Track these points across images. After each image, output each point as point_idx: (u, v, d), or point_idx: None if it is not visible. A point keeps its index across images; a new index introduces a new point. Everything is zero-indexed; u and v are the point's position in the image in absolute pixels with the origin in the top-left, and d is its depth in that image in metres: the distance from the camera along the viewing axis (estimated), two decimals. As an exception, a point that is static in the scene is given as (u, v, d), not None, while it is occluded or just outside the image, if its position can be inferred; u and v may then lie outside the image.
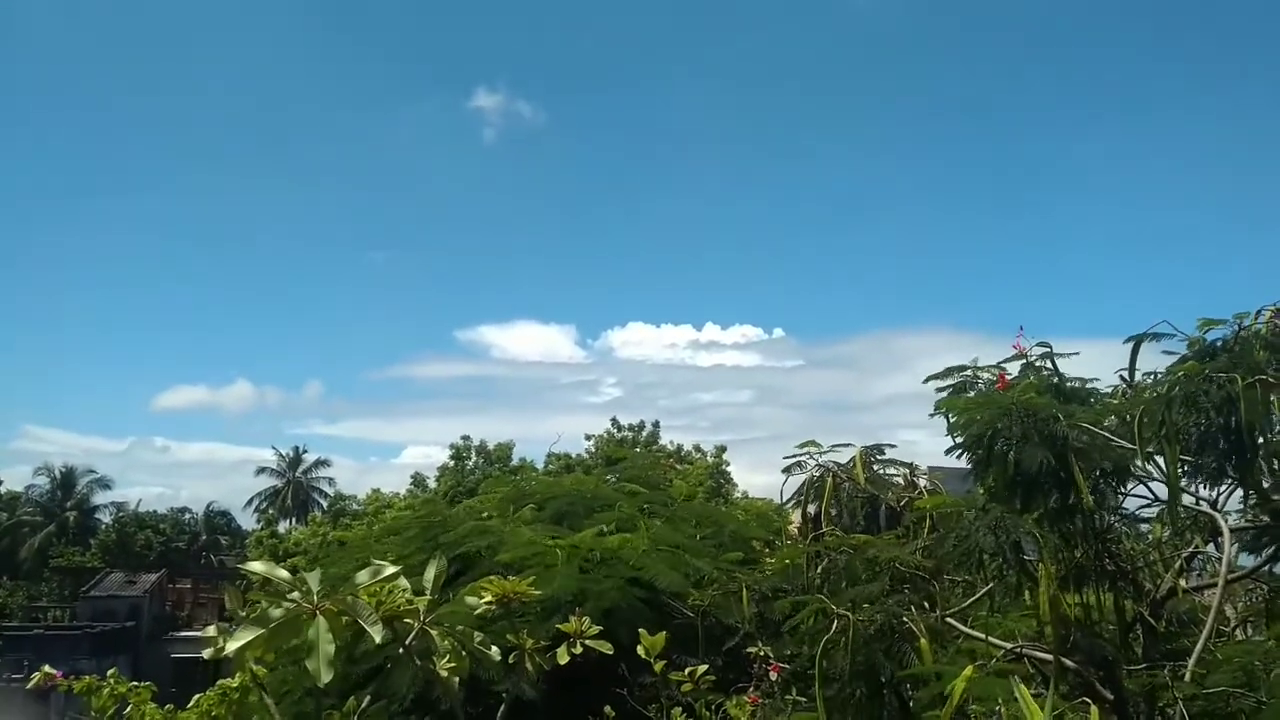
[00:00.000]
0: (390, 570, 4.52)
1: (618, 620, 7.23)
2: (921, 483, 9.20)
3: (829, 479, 8.30)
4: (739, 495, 39.51)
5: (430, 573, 5.05)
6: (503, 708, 4.54)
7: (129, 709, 3.61)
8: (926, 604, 6.93)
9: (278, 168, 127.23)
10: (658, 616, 8.87)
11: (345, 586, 4.42)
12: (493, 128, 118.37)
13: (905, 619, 5.49)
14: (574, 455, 45.60)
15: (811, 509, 8.29)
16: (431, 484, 51.38)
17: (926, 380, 8.79)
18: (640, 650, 4.92)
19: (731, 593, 8.96)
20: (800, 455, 8.78)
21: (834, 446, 8.70)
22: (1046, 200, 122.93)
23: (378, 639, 4.10)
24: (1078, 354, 8.82)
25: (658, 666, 4.76)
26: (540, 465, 42.66)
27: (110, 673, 3.95)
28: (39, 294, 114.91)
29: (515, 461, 50.20)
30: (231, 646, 3.94)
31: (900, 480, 8.84)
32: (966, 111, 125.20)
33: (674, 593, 8.86)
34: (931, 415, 8.04)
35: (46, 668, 4.03)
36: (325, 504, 73.33)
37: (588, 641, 4.94)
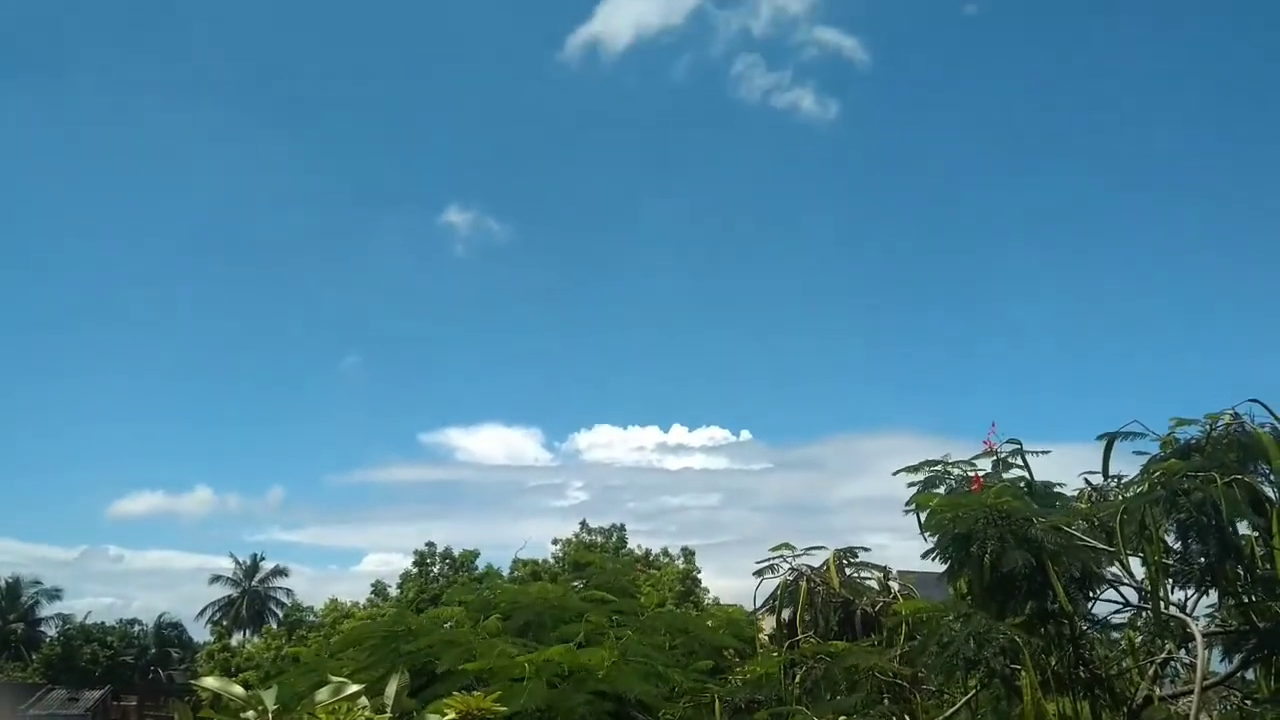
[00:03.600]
0: (352, 689, 4.30)
1: (588, 736, 6.94)
2: (894, 587, 9.08)
3: (803, 583, 8.16)
4: (710, 600, 38.81)
5: (391, 689, 4.82)
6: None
7: None
8: (907, 716, 6.73)
9: (246, 272, 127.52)
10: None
11: (303, 704, 4.20)
12: (462, 241, 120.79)
13: (888, 731, 5.27)
14: (540, 560, 44.76)
15: (786, 614, 8.12)
16: (393, 591, 50.00)
17: (897, 473, 8.80)
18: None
19: (703, 704, 8.68)
20: (773, 559, 8.66)
21: (807, 549, 8.61)
22: (1000, 307, 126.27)
23: (334, 761, 3.86)
24: (1048, 452, 8.89)
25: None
26: (506, 571, 41.83)
27: None
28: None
29: (480, 568, 49.18)
30: (179, 772, 3.70)
31: (874, 584, 8.72)
32: (924, 216, 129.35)
33: (644, 706, 8.56)
34: (906, 511, 8.02)
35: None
36: (281, 614, 70.88)
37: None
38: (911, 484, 8.91)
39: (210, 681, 4.09)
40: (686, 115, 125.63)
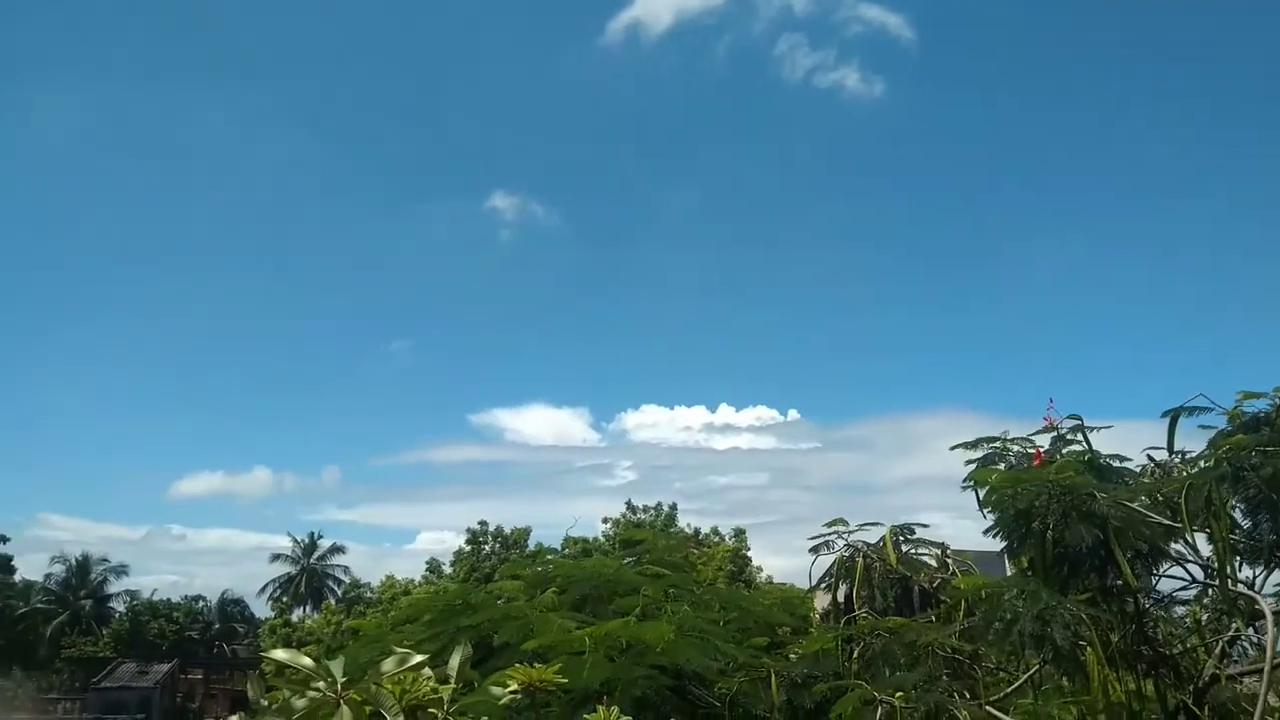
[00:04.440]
0: (416, 659, 4.38)
1: (646, 710, 6.99)
2: (952, 563, 8.97)
3: (859, 559, 8.08)
4: (761, 579, 38.82)
5: (454, 660, 4.89)
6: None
7: None
8: (967, 692, 6.66)
9: (300, 262, 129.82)
10: (685, 705, 8.57)
11: (370, 675, 4.29)
12: (507, 226, 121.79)
13: (951, 707, 5.22)
14: (591, 538, 45.10)
15: (842, 590, 8.06)
16: (447, 569, 50.80)
17: (954, 448, 8.67)
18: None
19: (759, 679, 8.69)
20: (828, 535, 8.59)
21: (862, 526, 8.53)
22: (1055, 283, 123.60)
23: (402, 729, 3.94)
24: (1110, 427, 8.69)
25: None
26: (556, 549, 42.22)
27: None
28: (60, 382, 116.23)
29: (531, 546, 49.68)
30: (256, 739, 3.80)
31: (932, 561, 8.61)
32: (973, 192, 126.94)
33: (701, 680, 8.59)
34: (964, 488, 7.90)
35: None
36: (339, 591, 72.48)
37: (619, 733, 4.72)
38: (969, 461, 8.78)
39: (280, 653, 4.19)
40: (728, 96, 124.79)
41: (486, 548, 49.96)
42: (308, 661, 4.18)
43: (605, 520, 47.58)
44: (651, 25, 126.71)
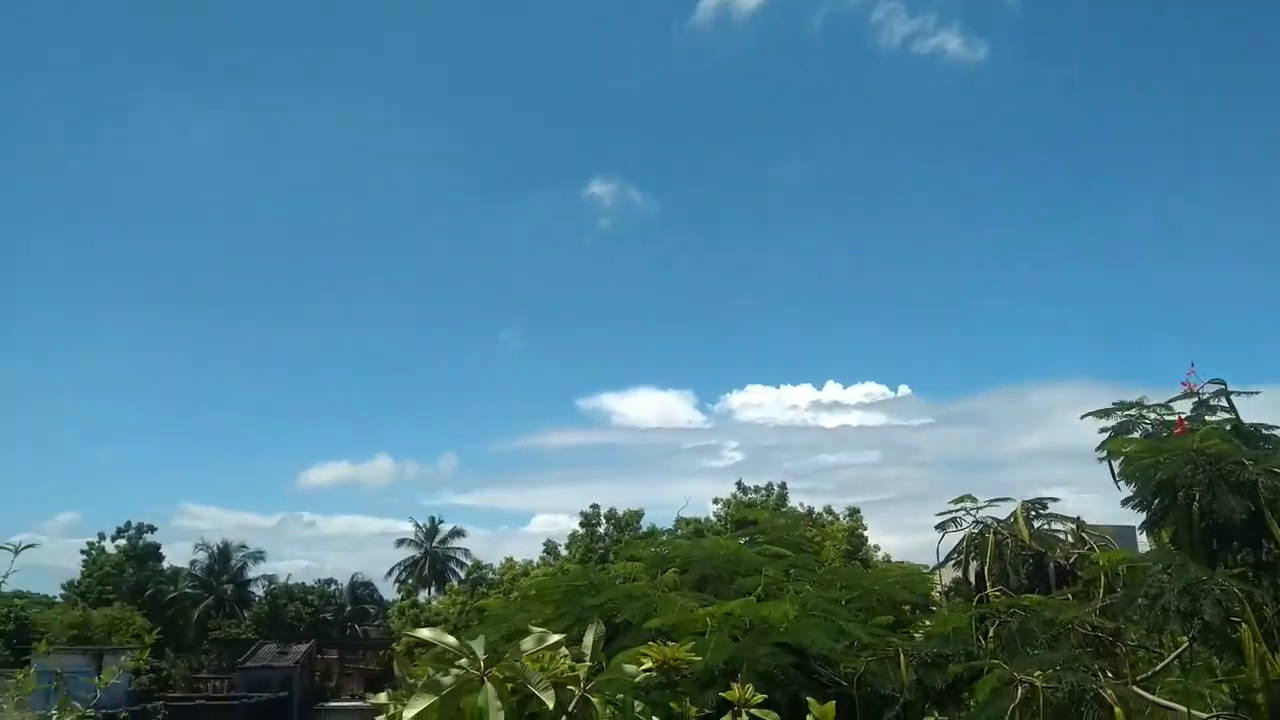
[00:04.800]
0: (554, 638, 4.49)
1: (774, 688, 6.97)
2: (1088, 538, 8.63)
3: (990, 536, 7.85)
4: (879, 558, 38.22)
5: (588, 639, 4.99)
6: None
7: None
8: (1110, 672, 6.40)
9: (409, 257, 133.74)
10: (812, 684, 8.52)
11: (510, 653, 4.41)
12: (606, 213, 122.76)
13: (1096, 687, 5.03)
14: (702, 519, 45.20)
15: (972, 568, 7.85)
16: (563, 551, 51.84)
17: (1085, 416, 8.31)
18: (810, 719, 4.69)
19: (888, 659, 8.56)
20: (954, 511, 8.36)
21: (991, 501, 8.27)
22: (1180, 243, 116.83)
23: (550, 705, 4.04)
24: (1257, 393, 8.18)
25: (832, 737, 4.51)
26: (668, 530, 42.54)
27: None
28: (199, 380, 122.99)
29: (643, 527, 50.17)
30: (408, 715, 3.95)
31: (1067, 536, 8.28)
32: (1086, 154, 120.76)
33: (825, 659, 8.52)
34: (1098, 459, 7.57)
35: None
36: (461, 573, 74.82)
37: (753, 711, 4.75)
38: (1102, 430, 8.42)
39: (425, 632, 4.36)
40: (825, 67, 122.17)
41: (600, 529, 50.73)
42: (451, 640, 4.34)
43: (716, 501, 47.65)
44: (742, 2, 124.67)
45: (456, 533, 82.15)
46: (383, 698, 4.66)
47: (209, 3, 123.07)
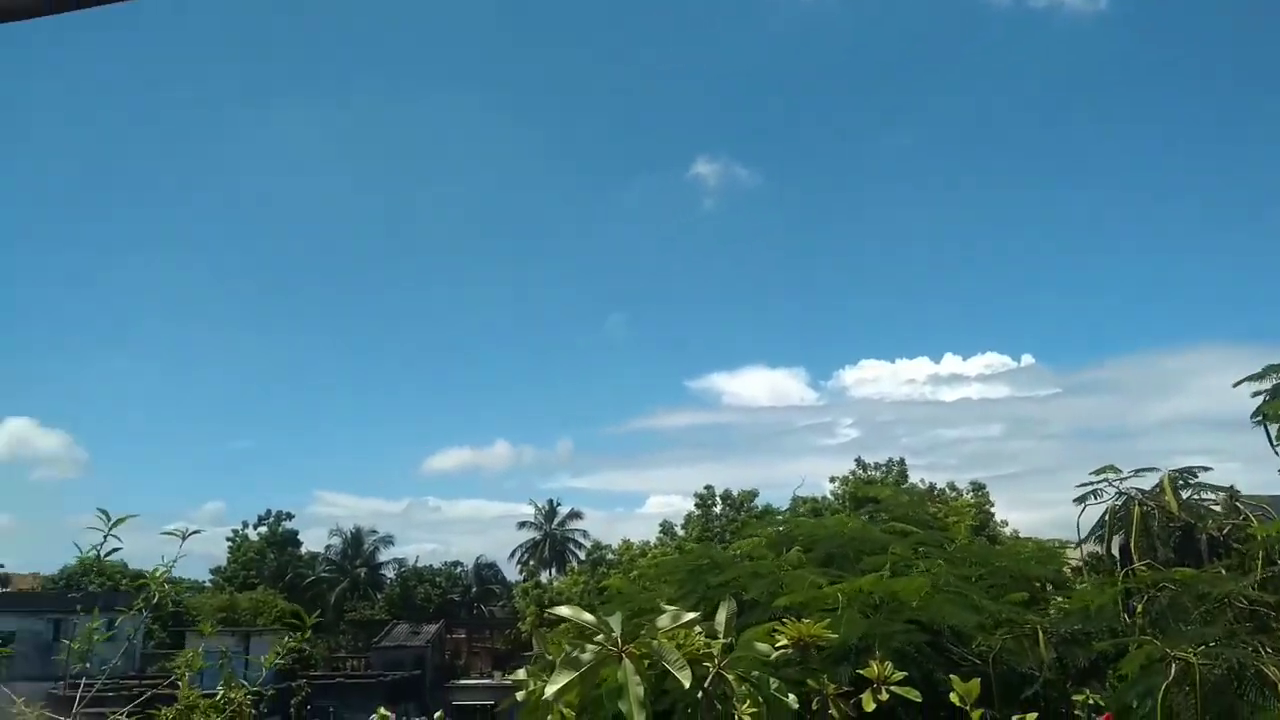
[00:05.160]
0: (689, 616, 4.52)
1: (908, 664, 6.84)
2: (1242, 509, 8.14)
3: (1135, 508, 7.47)
4: (1008, 534, 37.03)
5: (722, 615, 5.01)
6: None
7: None
8: (1271, 648, 6.02)
9: (517, 244, 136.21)
10: (945, 662, 8.34)
11: (647, 630, 4.47)
12: (712, 191, 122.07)
13: (1258, 664, 4.75)
14: (819, 497, 44.70)
15: (1115, 542, 7.51)
16: (679, 531, 52.16)
17: (1239, 383, 7.84)
18: (954, 698, 4.58)
19: (1024, 635, 8.30)
20: (1095, 483, 7.99)
21: (1136, 472, 7.86)
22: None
23: (686, 683, 4.08)
24: None
25: (975, 715, 4.40)
26: (783, 510, 42.27)
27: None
28: (329, 372, 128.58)
29: (758, 507, 49.97)
30: (551, 690, 4.06)
31: (1218, 507, 7.82)
32: (1216, 104, 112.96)
33: (958, 637, 8.32)
34: (1254, 423, 7.12)
35: (382, 710, 4.31)
36: (580, 554, 76.19)
37: (893, 688, 4.68)
38: (1256, 394, 7.92)
39: (563, 610, 4.46)
40: (934, 27, 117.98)
41: (716, 510, 50.81)
42: (589, 617, 4.43)
43: (833, 479, 47.02)
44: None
45: (574, 515, 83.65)
46: (522, 674, 4.80)
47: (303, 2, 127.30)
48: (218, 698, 3.84)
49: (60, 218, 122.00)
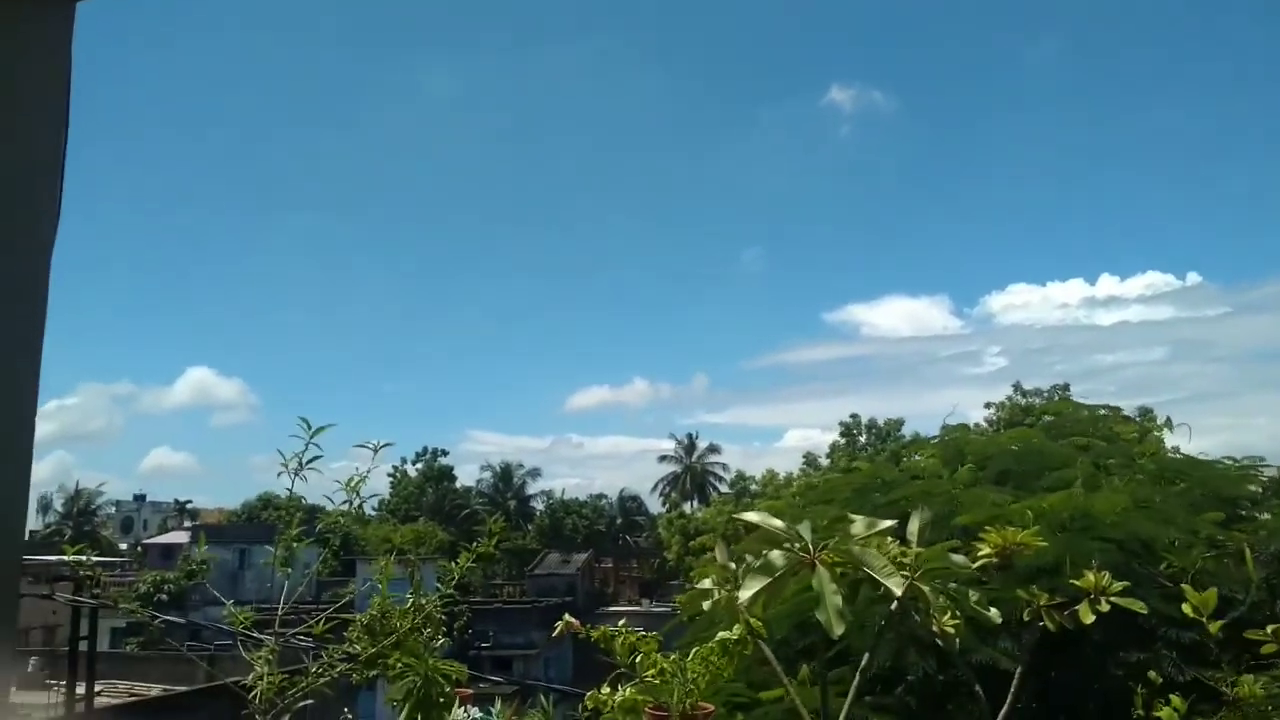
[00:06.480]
0: (884, 524, 4.23)
1: (1104, 585, 6.37)
2: None
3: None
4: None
5: (914, 524, 4.70)
6: (1015, 678, 4.04)
7: (639, 657, 3.71)
8: None
9: (653, 179, 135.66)
10: (1141, 582, 7.79)
11: (840, 537, 4.22)
12: (848, 118, 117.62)
13: None
14: (971, 426, 42.77)
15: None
16: (823, 462, 51.59)
17: None
18: (1187, 609, 4.17)
19: (1227, 555, 7.64)
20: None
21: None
22: None
23: (898, 590, 3.82)
24: None
25: (1213, 628, 3.97)
26: (933, 438, 40.81)
27: (621, 624, 4.12)
28: (473, 317, 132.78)
29: (906, 436, 48.70)
30: (744, 595, 3.87)
31: None
32: None
33: (1150, 555, 7.74)
34: None
35: (567, 616, 4.27)
36: (722, 487, 76.79)
37: (1114, 599, 4.29)
38: None
39: (752, 515, 4.22)
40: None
41: (861, 440, 49.89)
42: (777, 523, 4.19)
43: (988, 405, 45.11)
44: None
45: (712, 449, 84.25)
46: (707, 582, 4.63)
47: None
48: (408, 605, 3.86)
49: (224, 181, 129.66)
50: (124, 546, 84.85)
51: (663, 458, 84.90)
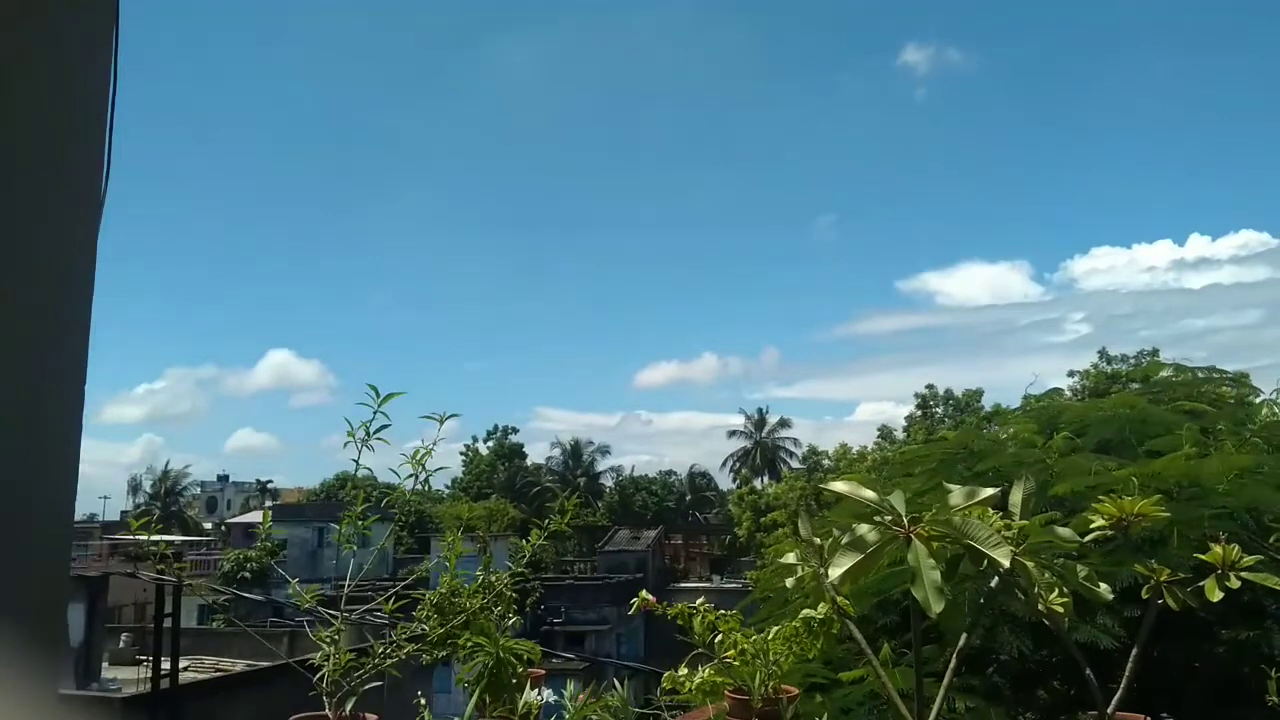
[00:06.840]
0: (986, 492, 3.90)
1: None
2: None
3: None
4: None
5: (1016, 495, 4.35)
6: (1131, 659, 3.67)
7: (719, 636, 3.49)
8: None
9: (723, 150, 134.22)
10: (1250, 552, 7.27)
11: (938, 509, 3.91)
12: (923, 80, 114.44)
13: None
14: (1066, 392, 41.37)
15: None
16: (899, 435, 50.66)
17: None
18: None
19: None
20: None
21: None
22: None
23: (1006, 562, 3.49)
24: None
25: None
26: (1014, 410, 39.65)
27: (699, 602, 3.91)
28: (549, 296, 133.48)
29: (986, 408, 47.46)
30: (835, 572, 3.59)
31: None
32: None
33: (1260, 529, 7.20)
34: None
35: (644, 593, 4.04)
36: (792, 462, 76.11)
37: (1244, 574, 3.90)
38: None
39: (839, 485, 3.93)
40: None
41: (938, 412, 48.79)
42: (869, 494, 3.89)
43: (1072, 373, 43.59)
44: None
45: (783, 423, 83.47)
46: (791, 557, 4.37)
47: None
48: (478, 582, 3.70)
49: (308, 165, 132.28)
50: (208, 526, 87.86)
51: (732, 433, 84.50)
